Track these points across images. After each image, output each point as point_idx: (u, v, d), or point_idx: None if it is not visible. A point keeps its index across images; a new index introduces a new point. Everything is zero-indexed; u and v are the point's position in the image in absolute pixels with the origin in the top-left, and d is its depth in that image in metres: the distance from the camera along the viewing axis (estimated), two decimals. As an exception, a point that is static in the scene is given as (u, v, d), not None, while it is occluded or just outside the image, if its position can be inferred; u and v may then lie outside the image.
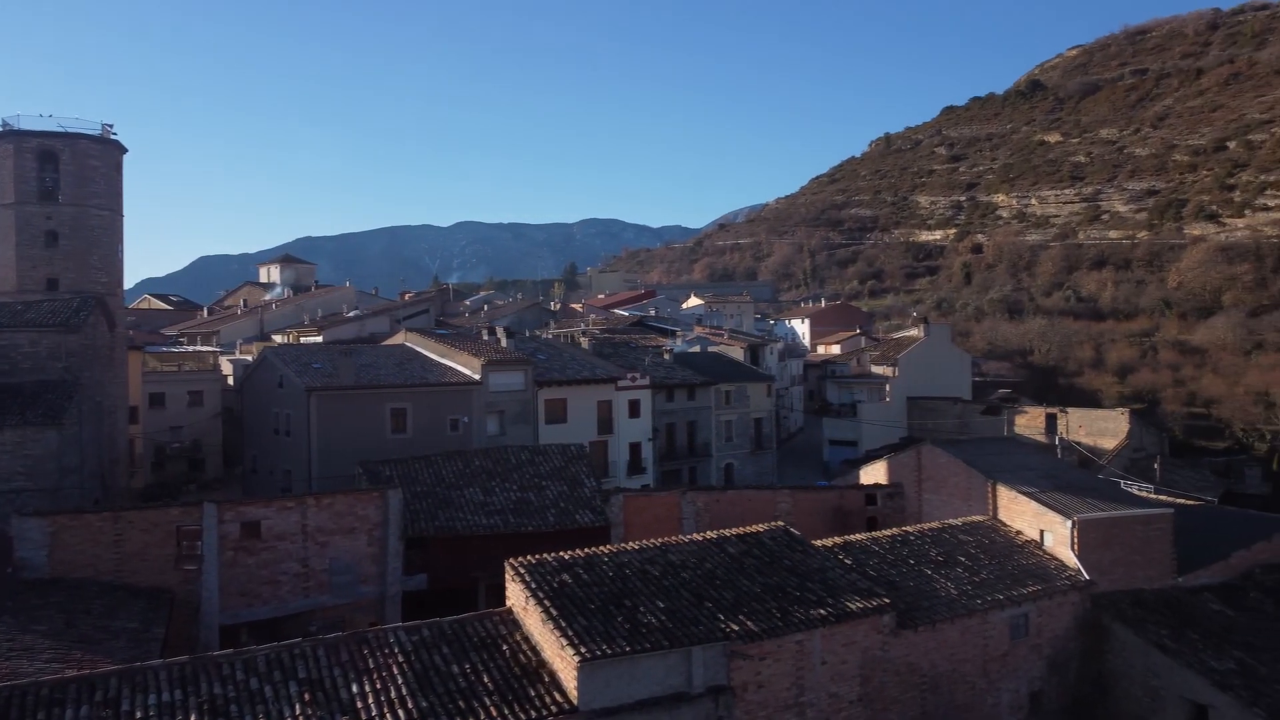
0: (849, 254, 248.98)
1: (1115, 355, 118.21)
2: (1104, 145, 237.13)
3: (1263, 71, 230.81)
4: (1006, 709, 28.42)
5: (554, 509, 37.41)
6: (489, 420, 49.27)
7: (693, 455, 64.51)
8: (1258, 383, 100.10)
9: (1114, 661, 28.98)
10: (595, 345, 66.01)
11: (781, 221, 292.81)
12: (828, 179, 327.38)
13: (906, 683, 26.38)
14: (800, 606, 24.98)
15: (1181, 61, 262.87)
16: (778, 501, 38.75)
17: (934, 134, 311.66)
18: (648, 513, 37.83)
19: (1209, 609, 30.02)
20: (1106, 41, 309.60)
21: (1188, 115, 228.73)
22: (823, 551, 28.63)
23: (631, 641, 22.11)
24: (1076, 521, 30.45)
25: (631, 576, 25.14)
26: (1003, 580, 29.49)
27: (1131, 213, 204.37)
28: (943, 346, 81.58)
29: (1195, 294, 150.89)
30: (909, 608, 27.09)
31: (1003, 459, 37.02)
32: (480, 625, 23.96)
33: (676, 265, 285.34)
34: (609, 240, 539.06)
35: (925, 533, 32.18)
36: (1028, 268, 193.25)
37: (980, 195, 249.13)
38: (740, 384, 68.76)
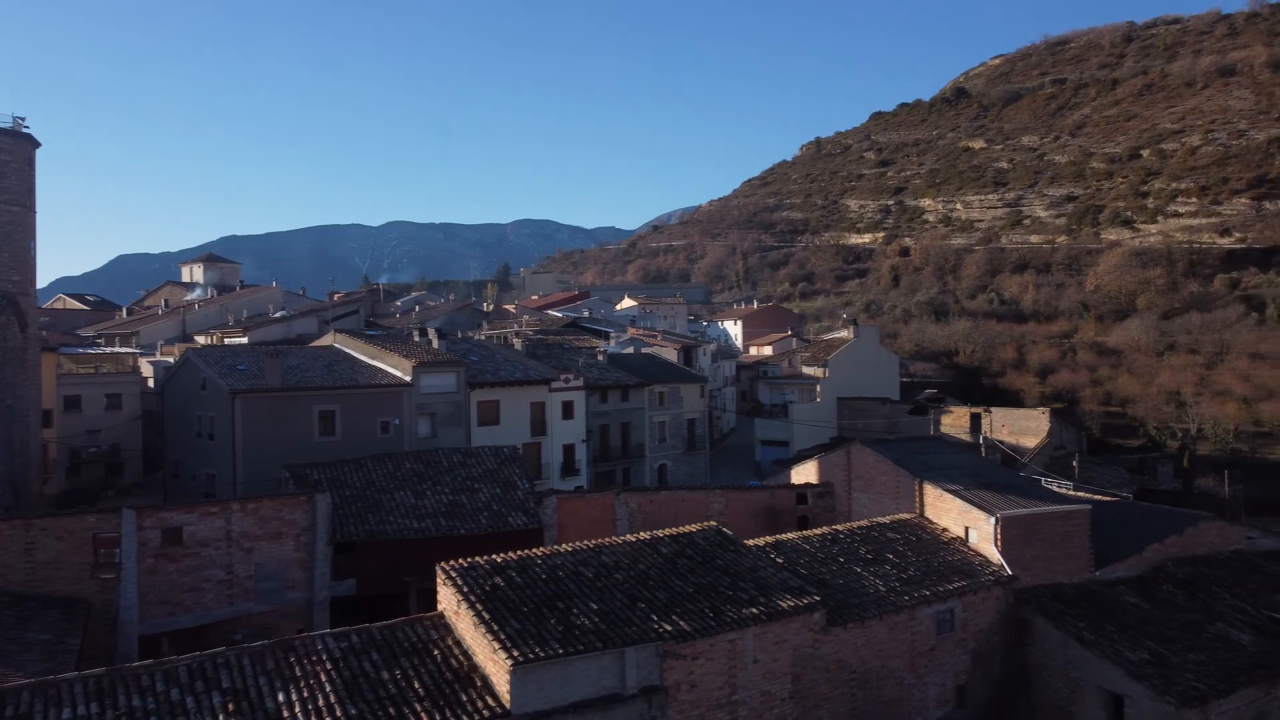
0: (780, 256, 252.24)
1: (1036, 356, 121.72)
2: (1025, 152, 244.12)
3: (1174, 83, 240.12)
4: (933, 703, 29.02)
5: (487, 512, 37.10)
6: (420, 422, 48.65)
7: (627, 456, 64.59)
8: (1169, 383, 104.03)
9: (1035, 654, 29.80)
10: (529, 347, 65.70)
11: (714, 223, 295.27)
12: (760, 182, 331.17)
13: (836, 679, 26.77)
14: (733, 606, 25.17)
15: (1098, 72, 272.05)
16: (711, 502, 39.00)
17: (863, 139, 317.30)
18: (581, 514, 37.76)
19: (1124, 601, 31.06)
20: (1028, 51, 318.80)
21: (1104, 124, 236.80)
22: (755, 551, 28.90)
23: (565, 644, 22.04)
24: (999, 518, 31.23)
25: (565, 579, 25.06)
26: (929, 577, 30.11)
27: (1051, 218, 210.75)
28: (872, 348, 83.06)
29: (1111, 297, 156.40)
30: (839, 605, 27.49)
31: (929, 458, 37.79)
32: (411, 630, 23.64)
33: (610, 266, 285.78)
34: (543, 241, 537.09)
35: (855, 531, 32.70)
36: (953, 271, 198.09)
37: (908, 200, 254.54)
38: (674, 385, 69.07)
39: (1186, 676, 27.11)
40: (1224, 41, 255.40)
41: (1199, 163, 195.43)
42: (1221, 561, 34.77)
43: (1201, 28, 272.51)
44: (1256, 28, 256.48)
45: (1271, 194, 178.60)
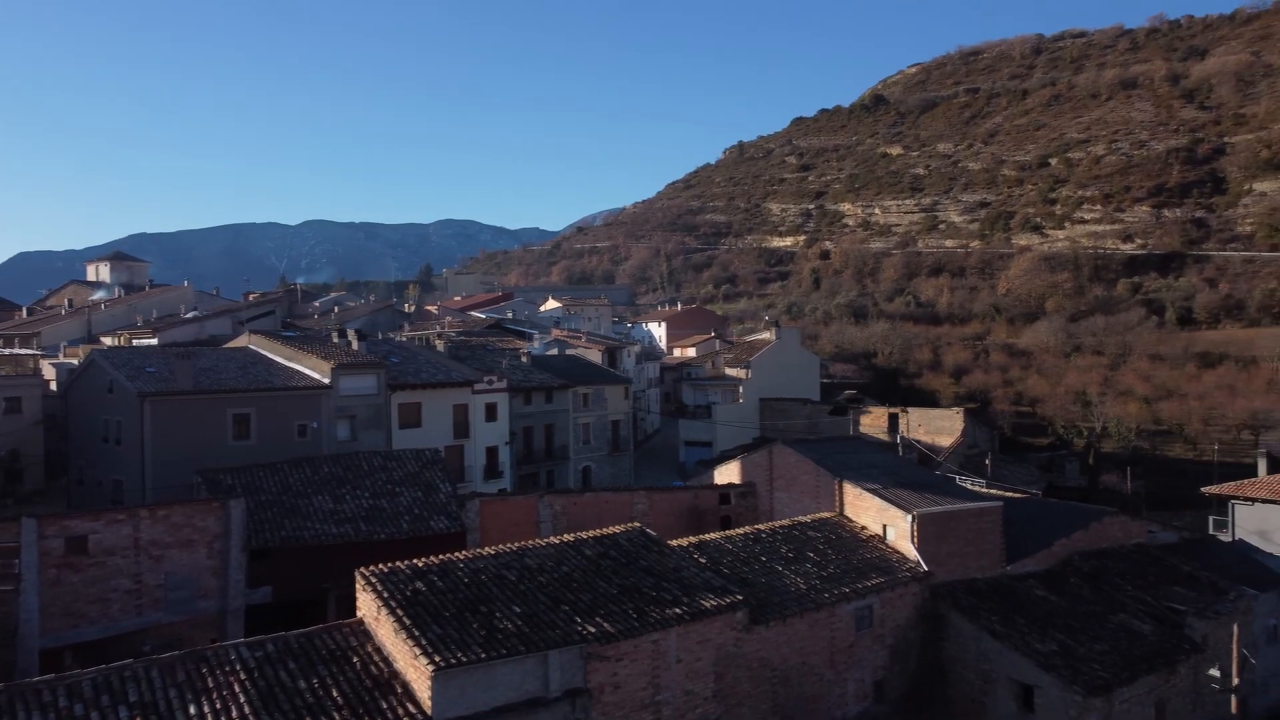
0: (704, 259, 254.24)
1: (951, 357, 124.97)
2: (941, 159, 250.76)
3: (1080, 94, 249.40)
4: (852, 698, 29.57)
5: (408, 516, 36.55)
6: (339, 425, 47.67)
7: (550, 458, 64.31)
8: (1076, 383, 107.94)
9: (950, 647, 30.60)
10: (451, 348, 64.94)
11: (639, 225, 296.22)
12: (684, 185, 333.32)
13: (758, 677, 27.08)
14: (656, 606, 25.27)
15: (1009, 82, 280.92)
16: (635, 503, 39.08)
17: (785, 143, 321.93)
18: (504, 517, 37.48)
19: (1034, 595, 32.11)
20: (943, 61, 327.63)
21: (1015, 133, 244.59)
22: (678, 551, 29.06)
23: (487, 648, 21.85)
24: (916, 516, 31.99)
25: (487, 582, 24.85)
26: (849, 574, 30.67)
27: (965, 223, 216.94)
28: (793, 349, 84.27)
29: (1022, 300, 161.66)
30: (761, 604, 27.81)
31: (849, 457, 38.52)
32: (329, 638, 23.16)
33: (534, 268, 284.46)
34: (466, 242, 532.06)
35: (776, 530, 33.12)
36: (872, 274, 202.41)
37: (828, 204, 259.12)
38: (598, 386, 69.02)
39: (1093, 666, 28.14)
40: (1126, 55, 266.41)
41: (1103, 171, 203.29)
42: (1124, 555, 36.21)
43: (1106, 41, 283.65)
44: (1156, 43, 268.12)
45: (1170, 202, 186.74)
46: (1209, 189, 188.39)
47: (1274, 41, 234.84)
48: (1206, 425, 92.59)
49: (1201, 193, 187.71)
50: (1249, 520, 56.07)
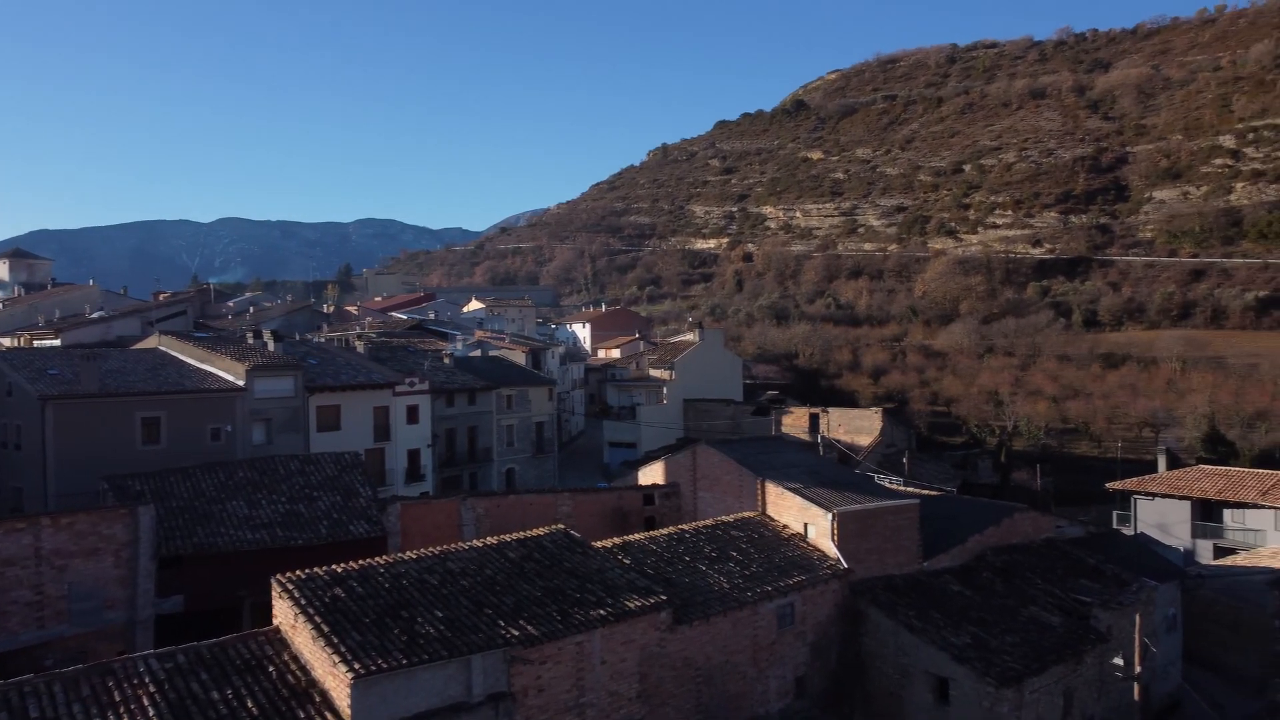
0: (628, 260, 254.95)
1: (870, 358, 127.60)
2: (860, 164, 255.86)
3: (992, 103, 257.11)
4: (774, 695, 29.94)
5: (326, 520, 35.79)
6: (255, 429, 46.42)
7: (474, 461, 63.71)
8: (989, 383, 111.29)
9: (869, 643, 31.22)
10: (372, 349, 63.84)
11: (563, 227, 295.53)
12: (608, 186, 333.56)
13: (682, 676, 27.23)
14: (580, 608, 25.21)
15: (925, 90, 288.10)
16: (559, 505, 38.94)
17: (708, 146, 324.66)
18: (426, 521, 36.99)
19: (949, 589, 32.97)
20: (862, 68, 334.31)
21: (931, 139, 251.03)
22: (602, 552, 29.05)
23: (408, 654, 21.53)
24: (836, 514, 32.55)
25: (409, 587, 24.49)
26: (771, 572, 31.05)
27: (883, 227, 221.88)
28: (716, 350, 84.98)
29: (937, 302, 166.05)
30: (685, 604, 27.97)
31: (771, 457, 38.99)
32: (244, 647, 22.53)
33: (457, 268, 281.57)
34: (387, 241, 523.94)
35: (700, 530, 33.35)
36: (793, 276, 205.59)
37: (750, 207, 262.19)
38: (522, 388, 68.63)
39: (1004, 658, 29.02)
40: (1035, 66, 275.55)
41: (1014, 178, 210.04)
42: (1034, 549, 37.43)
43: (1016, 52, 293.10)
44: (1063, 55, 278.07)
45: (1076, 209, 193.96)
46: (1112, 196, 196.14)
47: (1173, 56, 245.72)
48: (1110, 423, 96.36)
49: (1105, 200, 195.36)
50: (1149, 514, 58.63)
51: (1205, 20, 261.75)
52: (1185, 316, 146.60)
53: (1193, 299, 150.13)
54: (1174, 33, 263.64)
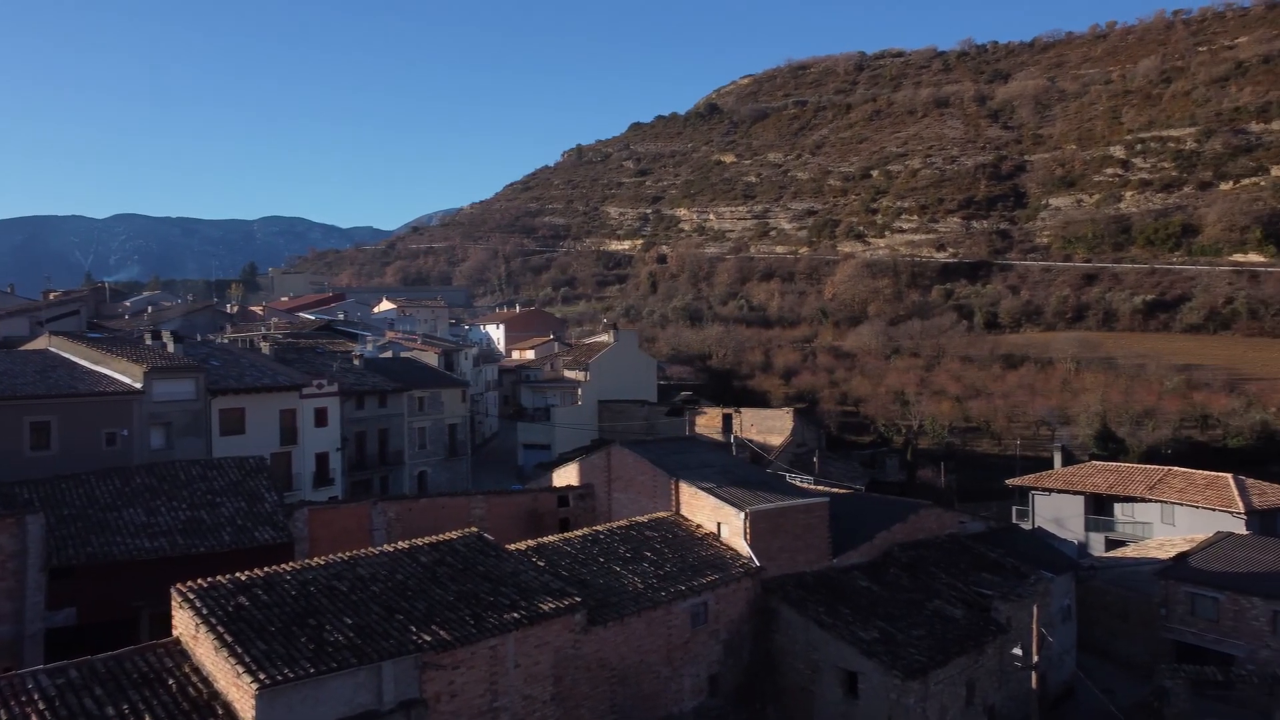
0: (543, 261, 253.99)
1: (781, 359, 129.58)
2: (771, 168, 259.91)
3: (899, 111, 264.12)
4: (688, 694, 30.18)
5: (230, 527, 34.71)
6: (153, 433, 44.73)
7: (384, 464, 62.61)
8: (895, 383, 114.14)
9: (781, 639, 31.72)
10: (278, 351, 62.18)
11: (476, 227, 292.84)
12: (522, 186, 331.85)
13: (597, 678, 27.24)
14: (494, 611, 25.01)
15: (835, 96, 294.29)
16: (472, 507, 38.54)
17: (623, 148, 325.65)
18: (336, 525, 36.19)
19: (858, 585, 33.72)
20: (774, 73, 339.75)
21: (840, 145, 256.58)
22: (516, 555, 28.87)
23: (316, 662, 21.04)
24: (748, 513, 32.98)
25: (317, 594, 23.93)
26: (684, 572, 31.29)
27: (795, 230, 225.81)
28: (631, 352, 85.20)
29: (846, 305, 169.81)
30: (599, 605, 27.99)
31: (685, 457, 39.30)
32: (142, 660, 21.70)
33: (367, 268, 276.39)
34: (294, 240, 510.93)
35: (614, 531, 33.42)
36: (707, 278, 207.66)
37: (665, 209, 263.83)
38: (434, 390, 67.73)
39: (910, 651, 29.82)
40: (940, 76, 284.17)
41: (919, 184, 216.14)
42: (938, 544, 38.56)
43: (921, 62, 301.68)
44: (966, 65, 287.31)
45: (978, 215, 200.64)
46: (1011, 203, 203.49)
47: (1067, 69, 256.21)
48: (1010, 422, 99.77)
49: (1005, 206, 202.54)
50: (1046, 509, 61.04)
51: (1097, 35, 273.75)
52: (1079, 319, 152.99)
53: (1086, 302, 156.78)
54: (1068, 46, 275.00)
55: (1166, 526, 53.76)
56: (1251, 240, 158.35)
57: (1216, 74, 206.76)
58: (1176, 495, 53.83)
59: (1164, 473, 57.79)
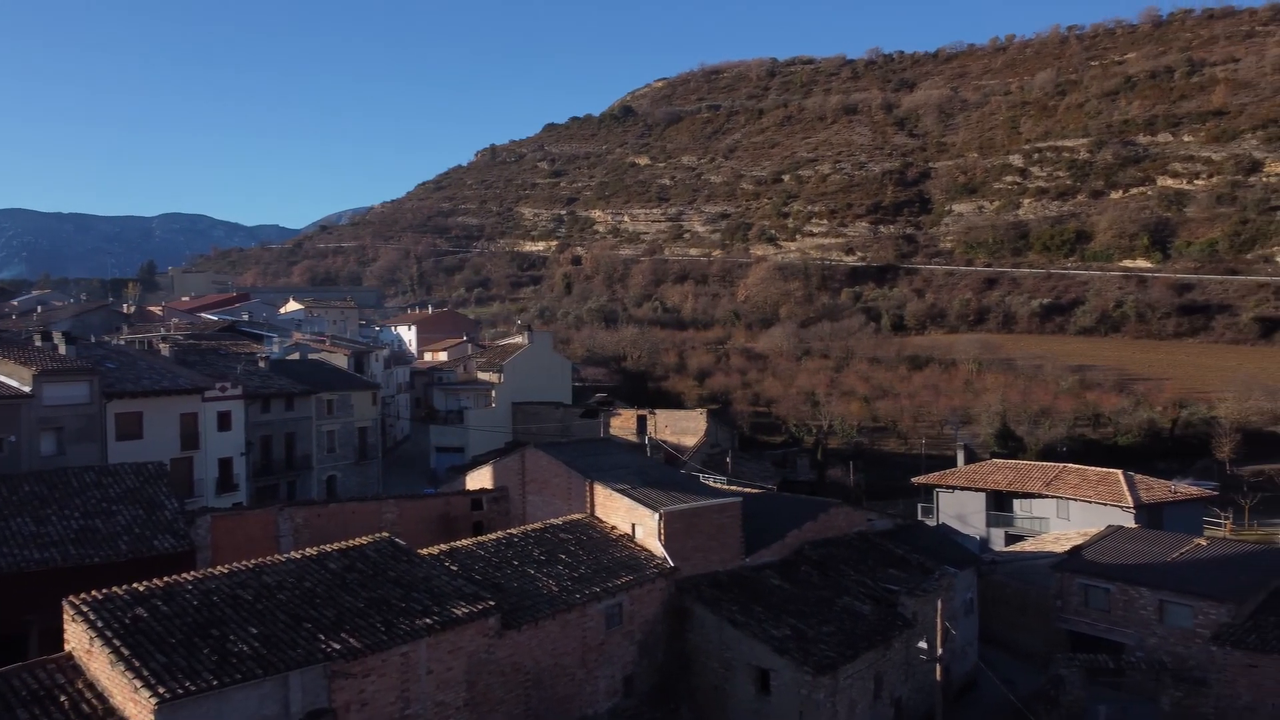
0: (456, 261, 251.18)
1: (695, 361, 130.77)
2: (685, 171, 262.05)
3: (809, 117, 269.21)
4: (603, 695, 30.21)
5: (127, 536, 33.37)
6: (44, 439, 42.75)
7: (292, 469, 61.06)
8: (806, 384, 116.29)
9: (695, 638, 31.99)
10: (178, 352, 60.12)
11: (387, 226, 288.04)
12: (434, 185, 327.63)
13: (511, 682, 27.06)
14: (406, 618, 24.62)
15: (747, 101, 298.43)
16: (383, 512, 37.88)
17: (537, 149, 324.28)
18: (240, 533, 35.14)
19: (770, 584, 34.22)
20: (687, 77, 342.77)
21: (753, 149, 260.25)
22: (429, 560, 28.49)
23: (219, 674, 20.40)
24: (663, 514, 33.18)
25: (220, 604, 23.20)
26: (599, 574, 31.31)
27: (708, 233, 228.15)
28: (545, 353, 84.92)
29: (759, 307, 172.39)
30: (514, 608, 27.81)
31: (599, 459, 39.32)
32: (30, 677, 20.72)
33: (274, 267, 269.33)
34: (195, 238, 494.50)
35: (529, 533, 33.24)
36: (621, 280, 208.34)
37: (579, 210, 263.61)
38: (343, 392, 66.37)
39: (821, 647, 30.40)
40: (848, 83, 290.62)
41: (829, 189, 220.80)
42: (847, 542, 39.40)
43: (831, 69, 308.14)
44: (873, 74, 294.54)
45: (885, 220, 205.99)
46: (917, 208, 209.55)
47: (969, 79, 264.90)
48: (916, 422, 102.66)
49: (911, 212, 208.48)
50: (950, 506, 62.95)
51: (997, 48, 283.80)
52: (980, 321, 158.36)
53: (987, 305, 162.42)
54: (970, 58, 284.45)
55: (1062, 521, 55.96)
56: (1139, 247, 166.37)
57: (1108, 88, 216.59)
58: (1071, 491, 56.09)
59: (1059, 470, 60.16)
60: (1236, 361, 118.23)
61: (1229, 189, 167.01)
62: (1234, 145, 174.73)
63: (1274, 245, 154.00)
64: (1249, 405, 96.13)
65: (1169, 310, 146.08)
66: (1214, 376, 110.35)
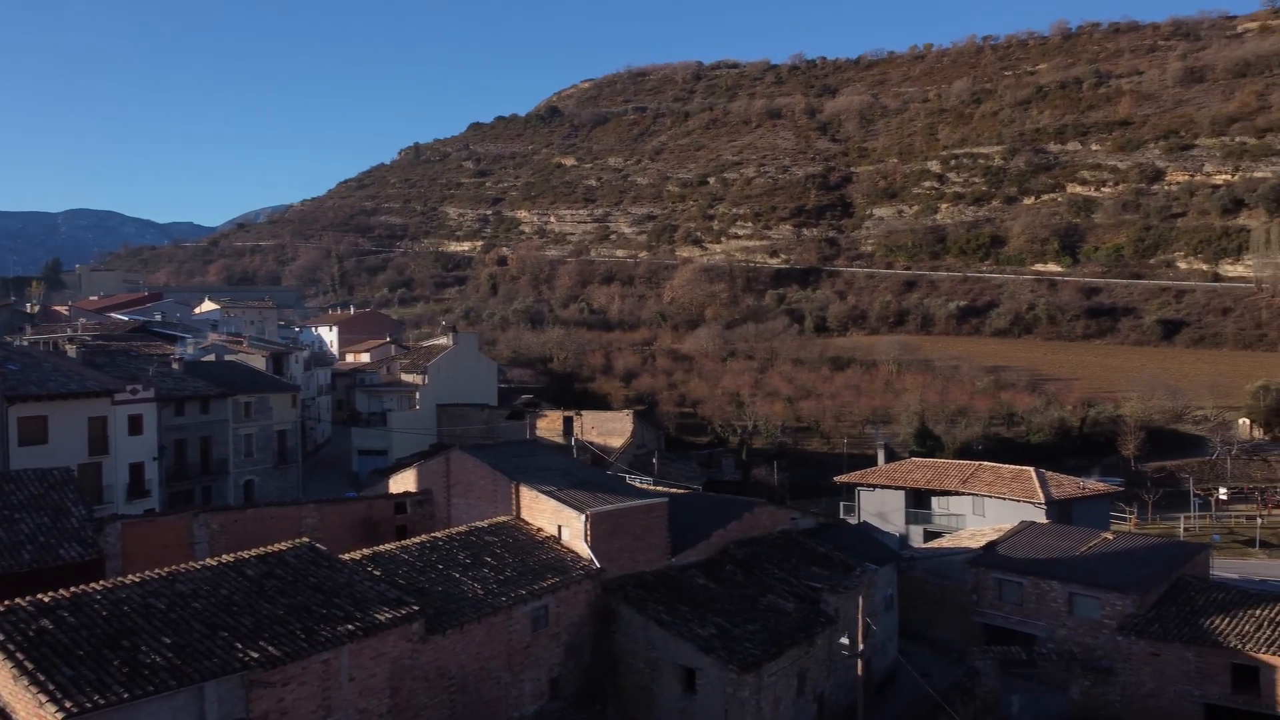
0: (379, 261, 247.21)
1: (622, 362, 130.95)
2: (612, 172, 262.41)
3: (734, 120, 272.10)
4: (529, 698, 30.09)
5: (31, 545, 32.04)
6: (-61, 444, 40.88)
7: (207, 474, 59.46)
8: (731, 385, 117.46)
9: (621, 639, 32.07)
10: (86, 354, 58.00)
11: (308, 225, 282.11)
12: (357, 184, 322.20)
13: (436, 687, 26.76)
14: (327, 624, 24.17)
15: (673, 104, 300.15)
16: (303, 517, 37.10)
17: (462, 148, 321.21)
18: (153, 540, 34.04)
19: (695, 583, 34.50)
20: (614, 79, 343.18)
21: (678, 151, 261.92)
22: (351, 565, 28.01)
23: (130, 686, 19.75)
24: (589, 516, 33.18)
25: (131, 614, 22.45)
26: (525, 576, 31.17)
27: (635, 234, 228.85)
28: (471, 355, 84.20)
29: (685, 308, 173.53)
30: (438, 613, 27.51)
31: (525, 461, 39.15)
32: (-74, 694, 19.77)
33: (188, 266, 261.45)
34: (104, 235, 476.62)
35: (454, 537, 32.91)
36: (548, 281, 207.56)
37: (505, 210, 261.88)
38: (262, 395, 64.88)
39: (745, 645, 30.76)
40: (772, 88, 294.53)
41: (753, 192, 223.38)
42: (771, 541, 39.93)
43: (755, 74, 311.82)
44: (797, 79, 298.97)
45: (808, 223, 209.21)
46: (839, 212, 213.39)
47: (889, 86, 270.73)
48: (838, 421, 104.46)
49: (833, 215, 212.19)
50: (871, 504, 64.23)
51: (916, 56, 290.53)
52: (900, 323, 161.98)
53: (906, 307, 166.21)
54: (890, 65, 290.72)
55: (978, 518, 57.60)
56: (1050, 251, 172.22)
57: (1020, 97, 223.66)
58: (986, 488, 57.76)
59: (975, 467, 61.91)
60: (1140, 362, 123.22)
61: (1134, 196, 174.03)
62: (1138, 154, 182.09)
63: (1175, 251, 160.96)
64: (1152, 404, 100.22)
65: (1078, 313, 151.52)
66: (1120, 377, 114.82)
